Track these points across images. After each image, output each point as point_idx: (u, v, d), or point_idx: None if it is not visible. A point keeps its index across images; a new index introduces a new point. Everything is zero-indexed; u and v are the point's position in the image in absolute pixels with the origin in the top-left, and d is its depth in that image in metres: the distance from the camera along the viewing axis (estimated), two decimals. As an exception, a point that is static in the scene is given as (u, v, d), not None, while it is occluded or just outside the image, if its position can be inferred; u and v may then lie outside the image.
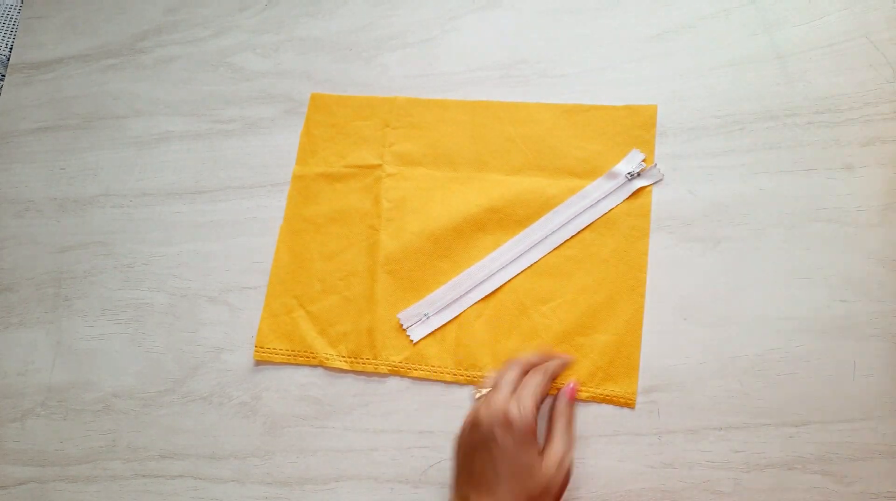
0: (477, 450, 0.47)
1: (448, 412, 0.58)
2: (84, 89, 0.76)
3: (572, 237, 0.60)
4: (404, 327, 0.61)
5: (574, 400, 0.52)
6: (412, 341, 0.60)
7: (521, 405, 0.47)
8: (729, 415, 0.53)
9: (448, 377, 0.59)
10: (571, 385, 0.51)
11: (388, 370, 0.60)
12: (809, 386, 0.53)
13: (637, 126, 0.62)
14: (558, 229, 0.60)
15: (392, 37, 0.71)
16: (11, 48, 0.80)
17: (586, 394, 0.55)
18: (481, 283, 0.60)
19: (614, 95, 0.64)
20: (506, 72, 0.67)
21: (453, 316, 0.60)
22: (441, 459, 0.57)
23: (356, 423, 0.59)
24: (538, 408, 0.49)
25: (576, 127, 0.63)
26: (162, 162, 0.71)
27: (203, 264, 0.67)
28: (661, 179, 0.60)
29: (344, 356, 0.61)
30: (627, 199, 0.60)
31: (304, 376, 0.61)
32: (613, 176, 0.61)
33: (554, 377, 0.53)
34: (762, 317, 0.55)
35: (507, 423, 0.46)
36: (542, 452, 0.47)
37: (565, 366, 0.54)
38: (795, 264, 0.56)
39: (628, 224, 0.59)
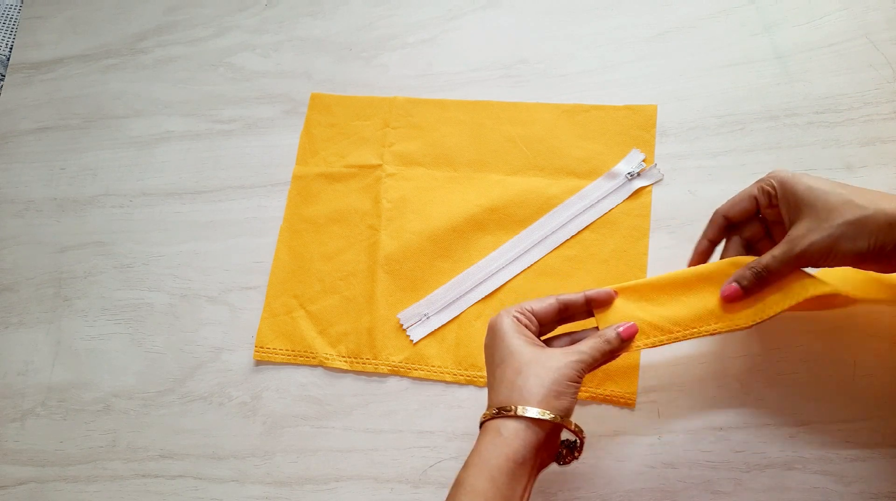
0: (485, 364, 0.48)
1: (448, 412, 0.58)
2: (84, 89, 0.76)
3: (572, 237, 0.60)
4: (404, 327, 0.61)
5: (626, 339, 0.46)
6: (412, 341, 0.60)
7: (505, 312, 0.47)
8: (729, 415, 0.53)
9: (448, 377, 0.59)
10: (630, 324, 0.46)
11: (388, 370, 0.60)
12: (809, 386, 0.53)
13: (637, 126, 0.62)
14: (558, 229, 0.60)
15: (392, 37, 0.71)
16: (11, 48, 0.80)
17: (586, 394, 0.55)
18: (481, 283, 0.60)
19: (614, 95, 0.64)
20: (506, 72, 0.67)
21: (453, 316, 0.60)
22: (441, 459, 0.57)
23: (356, 423, 0.59)
24: (537, 321, 0.47)
25: (576, 127, 0.63)
26: (162, 162, 0.71)
27: (203, 264, 0.67)
28: (661, 179, 0.60)
29: (344, 356, 0.61)
30: (627, 199, 0.60)
31: (304, 376, 0.61)
32: (613, 176, 0.61)
33: (567, 304, 0.48)
34: (762, 317, 0.55)
35: (488, 329, 0.47)
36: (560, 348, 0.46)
37: (587, 299, 0.48)
38: (795, 264, 0.56)
39: (628, 224, 0.59)
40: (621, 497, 0.53)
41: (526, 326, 0.47)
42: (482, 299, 0.60)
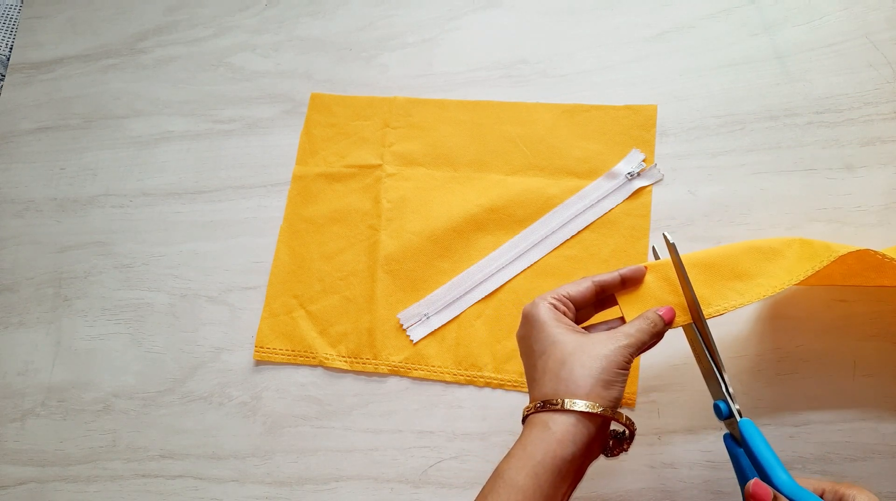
0: (521, 356, 0.46)
1: (448, 412, 0.58)
2: (84, 89, 0.76)
3: (572, 237, 0.60)
4: (404, 327, 0.61)
5: (669, 321, 0.44)
6: (412, 341, 0.60)
7: (540, 299, 0.44)
8: (729, 415, 0.53)
9: (448, 377, 0.59)
10: (668, 308, 0.44)
11: (388, 370, 0.60)
12: (809, 386, 0.53)
13: (637, 126, 0.62)
14: (558, 229, 0.60)
15: (392, 37, 0.71)
16: (11, 48, 0.80)
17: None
18: (481, 283, 0.60)
19: (614, 95, 0.64)
20: (506, 72, 0.67)
21: (453, 316, 0.60)
22: (441, 459, 0.57)
23: (356, 423, 0.59)
24: (574, 306, 0.45)
25: (576, 127, 0.63)
26: (162, 162, 0.71)
27: (203, 264, 0.67)
28: (661, 179, 0.60)
29: (344, 356, 0.61)
30: (627, 199, 0.60)
31: (304, 376, 0.61)
32: (613, 176, 0.61)
33: (603, 285, 0.45)
34: (762, 317, 0.55)
35: (523, 319, 0.45)
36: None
37: (623, 278, 0.46)
38: (795, 264, 0.56)
39: (628, 224, 0.59)
40: (621, 497, 0.53)
41: (563, 312, 0.44)
42: (482, 299, 0.60)
